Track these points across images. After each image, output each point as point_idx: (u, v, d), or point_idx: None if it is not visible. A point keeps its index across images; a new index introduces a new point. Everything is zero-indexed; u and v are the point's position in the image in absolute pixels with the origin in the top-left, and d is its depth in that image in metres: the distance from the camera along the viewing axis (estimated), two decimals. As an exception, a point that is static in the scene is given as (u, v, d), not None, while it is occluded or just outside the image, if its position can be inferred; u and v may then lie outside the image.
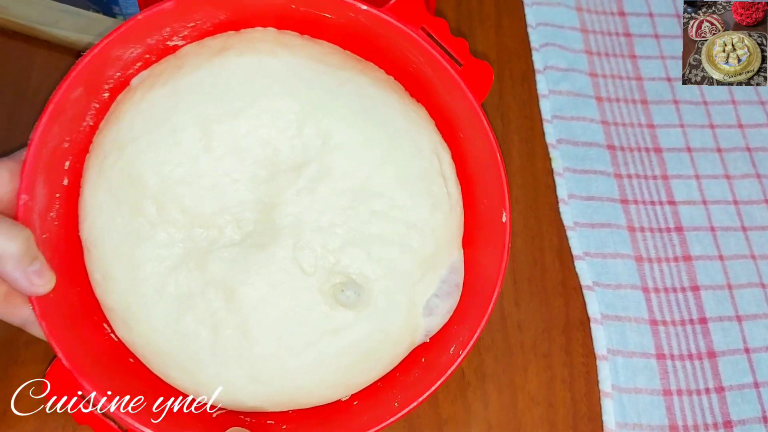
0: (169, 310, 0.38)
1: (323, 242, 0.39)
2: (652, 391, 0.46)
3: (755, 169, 0.56)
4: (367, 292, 0.39)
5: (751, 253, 0.52)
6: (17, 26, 0.56)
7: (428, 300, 0.40)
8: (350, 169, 0.39)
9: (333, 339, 0.39)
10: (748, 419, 0.46)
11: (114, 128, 0.39)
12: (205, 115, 0.38)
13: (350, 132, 0.39)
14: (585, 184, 0.53)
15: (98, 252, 0.39)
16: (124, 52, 0.38)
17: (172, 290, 0.38)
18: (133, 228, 0.38)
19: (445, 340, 0.40)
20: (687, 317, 0.49)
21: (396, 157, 0.39)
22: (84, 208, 0.39)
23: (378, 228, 0.39)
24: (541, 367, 0.47)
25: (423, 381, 0.39)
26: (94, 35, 0.55)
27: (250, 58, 0.39)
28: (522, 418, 0.45)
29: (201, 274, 0.38)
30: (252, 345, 0.38)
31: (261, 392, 0.39)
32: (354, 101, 0.39)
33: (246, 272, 0.38)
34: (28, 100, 0.54)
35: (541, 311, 0.49)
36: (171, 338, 0.38)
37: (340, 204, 0.39)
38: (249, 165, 0.39)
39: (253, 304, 0.38)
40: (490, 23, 0.61)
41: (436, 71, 0.39)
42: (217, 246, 0.38)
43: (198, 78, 0.38)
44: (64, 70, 0.55)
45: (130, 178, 0.38)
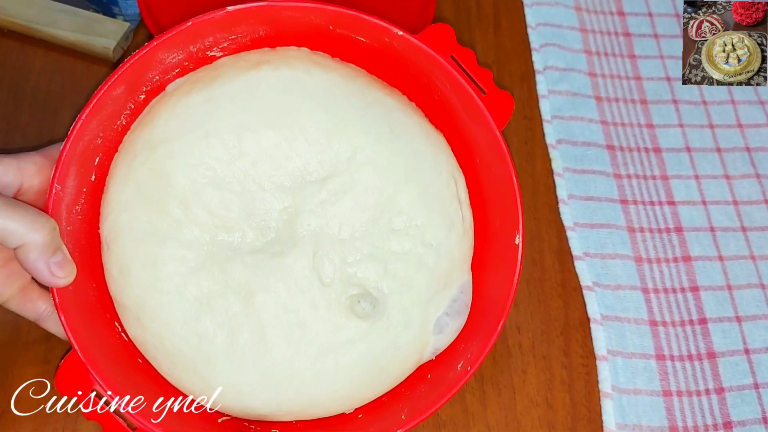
0: (188, 311, 0.38)
1: (342, 254, 0.40)
2: (652, 392, 0.46)
3: (755, 170, 0.56)
4: (382, 305, 0.40)
5: (750, 253, 0.52)
6: (16, 26, 0.56)
7: (439, 318, 0.41)
8: (373, 186, 0.40)
9: (346, 350, 0.39)
10: (748, 420, 0.46)
11: (147, 129, 0.40)
12: (240, 123, 0.39)
13: (376, 150, 0.41)
14: (584, 184, 0.53)
15: (118, 248, 0.39)
16: (168, 56, 0.39)
17: (192, 291, 0.38)
18: (156, 227, 0.39)
19: (452, 357, 0.41)
20: (687, 318, 0.49)
21: (417, 177, 0.41)
22: (108, 204, 0.40)
23: (396, 244, 0.40)
24: (541, 368, 0.47)
25: (429, 395, 0.39)
26: (94, 35, 0.55)
27: (285, 72, 0.40)
28: (521, 420, 0.45)
29: (222, 278, 0.39)
30: (267, 351, 0.39)
31: (271, 399, 0.39)
32: (380, 121, 0.41)
33: (266, 278, 0.39)
34: (26, 100, 0.54)
35: (540, 312, 0.49)
36: (187, 338, 0.38)
37: (361, 219, 0.40)
38: (277, 174, 0.40)
39: (271, 311, 0.39)
40: (488, 24, 0.61)
41: (461, 98, 0.41)
42: (240, 251, 0.39)
43: (235, 88, 0.40)
44: (63, 71, 0.55)
45: (159, 178, 0.39)
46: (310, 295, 0.39)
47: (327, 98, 0.40)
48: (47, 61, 0.56)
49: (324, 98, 0.40)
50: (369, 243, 0.40)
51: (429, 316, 0.41)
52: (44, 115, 0.53)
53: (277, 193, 0.40)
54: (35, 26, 0.55)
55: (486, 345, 0.39)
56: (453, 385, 0.39)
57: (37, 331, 0.44)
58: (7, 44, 0.56)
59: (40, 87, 0.54)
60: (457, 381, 0.39)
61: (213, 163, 0.39)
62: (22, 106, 0.53)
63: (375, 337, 0.40)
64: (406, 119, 0.42)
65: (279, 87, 0.40)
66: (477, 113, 0.41)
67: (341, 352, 0.39)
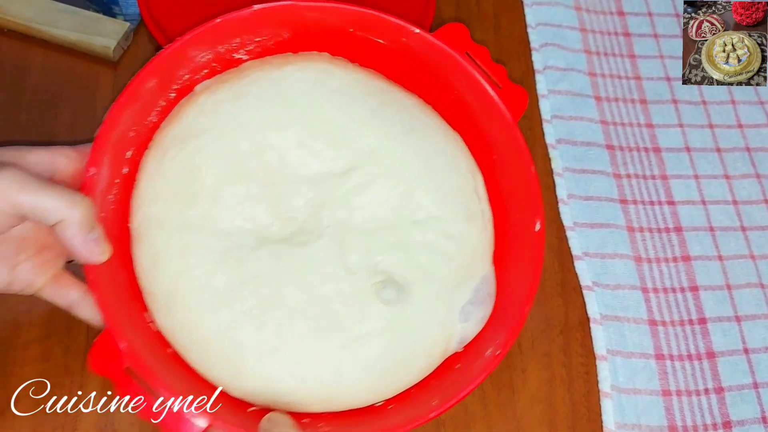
0: (217, 299, 0.39)
1: (366, 245, 0.41)
2: (652, 391, 0.46)
3: (754, 169, 0.56)
4: (407, 292, 0.41)
5: (750, 253, 0.52)
6: (16, 26, 0.56)
7: (463, 306, 0.42)
8: (393, 181, 0.42)
9: (373, 338, 0.40)
10: (748, 420, 0.46)
11: (176, 125, 0.41)
12: (266, 119, 0.42)
13: (395, 146, 0.42)
14: (584, 184, 0.53)
15: (149, 239, 0.40)
16: (197, 54, 0.42)
17: (221, 279, 0.39)
18: (186, 218, 0.40)
19: (480, 346, 0.41)
20: (686, 317, 0.49)
21: (436, 172, 0.43)
22: (139, 197, 0.41)
23: (418, 236, 0.42)
24: (540, 367, 0.47)
25: (460, 382, 0.39)
26: (94, 35, 0.55)
27: (308, 73, 0.43)
28: (521, 419, 0.45)
29: (250, 267, 0.40)
30: (294, 338, 0.39)
31: (298, 387, 0.39)
32: (399, 119, 0.43)
33: (293, 268, 0.40)
34: (26, 100, 0.54)
35: (540, 312, 0.49)
36: (216, 326, 0.39)
37: (383, 211, 0.42)
38: (302, 168, 0.42)
39: (298, 299, 0.40)
40: (489, 23, 0.61)
41: (477, 94, 0.43)
42: (267, 241, 0.40)
43: (261, 86, 0.42)
44: (63, 70, 0.55)
45: (189, 171, 0.40)
46: (336, 283, 0.40)
47: (347, 97, 0.43)
48: (47, 61, 0.56)
49: (345, 97, 0.43)
50: (392, 234, 0.41)
51: (453, 305, 0.42)
52: (44, 115, 0.53)
53: (301, 186, 0.41)
54: (35, 26, 0.55)
55: (515, 329, 0.40)
56: (484, 370, 0.39)
57: (37, 331, 0.45)
58: (7, 44, 0.56)
59: (40, 86, 0.54)
60: (487, 366, 0.39)
61: (240, 157, 0.41)
62: (21, 106, 0.53)
63: (401, 324, 0.40)
64: (423, 118, 0.44)
65: (302, 86, 0.42)
66: (492, 107, 0.43)
67: (368, 340, 0.40)
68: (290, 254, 0.40)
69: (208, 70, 0.43)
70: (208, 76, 0.43)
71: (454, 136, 0.45)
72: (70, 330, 0.45)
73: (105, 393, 0.43)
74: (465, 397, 0.38)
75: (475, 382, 0.38)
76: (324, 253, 0.40)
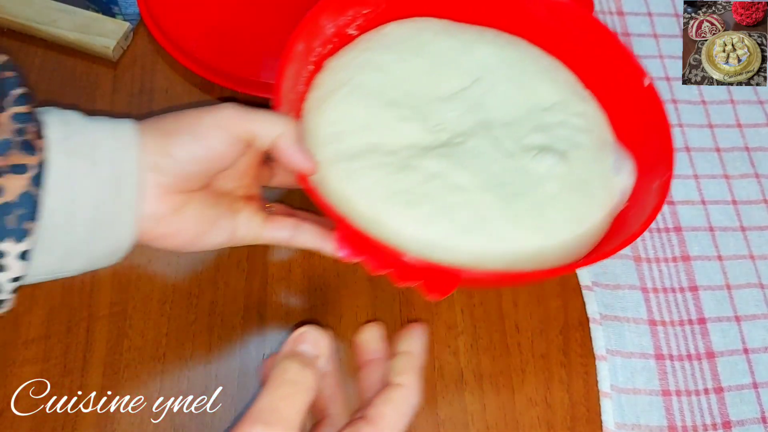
0: (409, 200, 0.43)
1: (512, 133, 0.47)
2: (651, 391, 0.46)
3: (754, 169, 0.56)
4: (564, 157, 0.46)
5: (749, 253, 0.52)
6: (15, 25, 0.56)
7: (612, 163, 0.47)
8: (515, 81, 0.49)
9: (547, 202, 0.44)
10: (747, 420, 0.46)
11: (322, 86, 0.48)
12: (395, 57, 0.49)
13: (506, 55, 0.51)
14: (584, 184, 0.53)
15: (333, 172, 0.44)
16: (325, 25, 0.48)
17: (404, 185, 0.44)
18: (358, 147, 0.45)
19: (643, 190, 0.46)
20: (686, 317, 0.49)
21: (546, 68, 0.51)
22: (313, 143, 0.45)
23: (551, 118, 0.48)
24: (539, 367, 0.47)
25: (639, 216, 0.44)
26: (93, 35, 0.55)
27: (413, 23, 0.52)
28: (520, 419, 0.45)
29: (424, 171, 0.44)
30: (488, 211, 0.43)
31: (504, 252, 0.43)
32: (500, 38, 0.52)
33: (460, 163, 0.45)
34: (26, 99, 0.54)
35: (539, 311, 0.49)
36: (418, 223, 0.43)
37: (515, 108, 0.48)
38: (436, 89, 0.49)
39: (476, 182, 0.44)
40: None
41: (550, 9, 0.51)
42: (428, 149, 0.46)
43: (380, 39, 0.51)
44: (63, 70, 0.55)
45: (345, 113, 0.46)
46: (502, 163, 0.45)
47: (451, 31, 0.51)
48: (47, 60, 0.56)
49: (449, 31, 0.51)
50: (529, 121, 0.48)
51: (604, 164, 0.47)
52: (44, 115, 0.53)
53: (440, 104, 0.48)
54: (35, 25, 0.55)
55: (669, 164, 0.45)
56: (660, 193, 0.43)
57: (37, 330, 0.45)
58: (7, 43, 0.56)
59: (39, 86, 0.54)
60: (661, 189, 0.43)
61: (384, 90, 0.48)
62: (21, 106, 0.53)
63: (572, 185, 0.45)
64: (519, 40, 0.52)
65: (412, 31, 0.51)
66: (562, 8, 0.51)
67: (551, 201, 0.44)
68: (453, 154, 0.45)
69: (331, 45, 0.50)
70: (331, 52, 0.50)
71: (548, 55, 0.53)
72: (70, 330, 0.45)
73: (105, 393, 0.43)
74: (639, 235, 0.42)
75: (657, 203, 0.43)
76: (480, 145, 0.46)
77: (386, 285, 0.49)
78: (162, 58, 0.57)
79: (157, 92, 0.55)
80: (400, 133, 0.46)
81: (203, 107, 0.39)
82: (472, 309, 0.49)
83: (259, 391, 0.30)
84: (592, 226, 0.45)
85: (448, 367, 0.46)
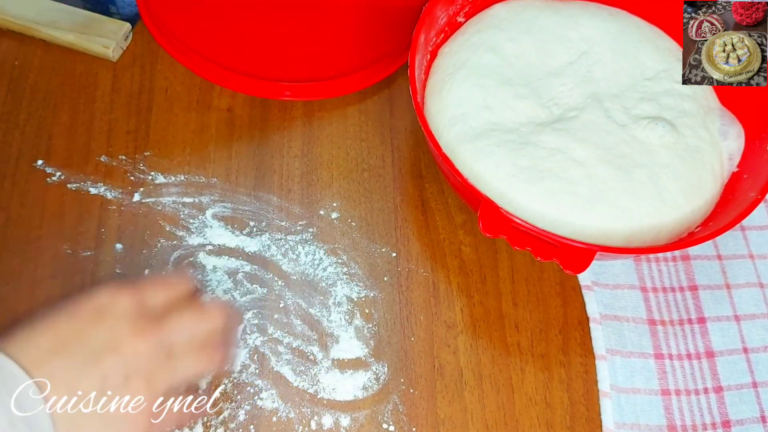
0: (532, 176, 0.46)
1: (621, 104, 0.50)
2: (651, 391, 0.46)
3: (754, 169, 0.56)
4: (673, 126, 0.48)
5: (749, 252, 0.52)
6: (15, 26, 0.56)
7: (719, 128, 0.50)
8: (619, 51, 0.52)
9: (663, 170, 0.46)
10: (747, 419, 0.46)
11: (440, 70, 0.51)
12: (504, 36, 0.52)
13: (609, 26, 0.53)
14: (584, 183, 0.53)
15: (460, 152, 0.47)
16: (439, 15, 0.51)
17: (527, 161, 0.46)
18: (480, 127, 0.48)
19: (756, 152, 0.48)
20: (685, 317, 0.49)
21: (648, 36, 0.53)
22: (436, 128, 0.49)
23: (656, 87, 0.51)
24: (539, 367, 0.47)
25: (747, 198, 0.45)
26: (93, 35, 0.55)
27: (518, 2, 0.54)
28: (519, 419, 0.45)
29: (544, 146, 0.47)
30: (608, 182, 0.46)
31: (625, 225, 0.45)
32: (600, 10, 0.54)
33: (575, 136, 0.47)
34: (25, 99, 0.54)
35: (538, 311, 0.49)
36: (544, 196, 0.45)
37: (621, 77, 0.51)
38: (545, 65, 0.51)
39: (592, 155, 0.47)
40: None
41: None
42: (544, 125, 0.48)
43: (488, 20, 0.53)
44: (63, 70, 0.55)
45: (464, 96, 0.49)
46: (615, 135, 0.48)
47: (557, 6, 0.54)
48: (46, 61, 0.56)
49: (555, 7, 0.54)
50: (635, 91, 0.50)
51: (711, 129, 0.49)
52: (43, 114, 0.53)
53: (551, 79, 0.51)
54: (34, 26, 0.55)
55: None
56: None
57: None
58: (7, 43, 0.56)
59: (39, 86, 0.54)
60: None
61: (498, 70, 0.50)
62: (20, 105, 0.53)
63: (683, 152, 0.47)
64: (619, 11, 0.55)
65: (520, 9, 0.54)
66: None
67: (659, 174, 0.47)
68: (568, 128, 0.48)
69: (443, 34, 0.53)
70: (443, 41, 0.53)
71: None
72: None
73: (105, 393, 0.43)
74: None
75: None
76: (593, 117, 0.48)
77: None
78: (161, 58, 0.57)
79: (156, 92, 0.55)
80: (517, 110, 0.49)
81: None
82: (471, 308, 0.49)
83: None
84: (705, 193, 0.47)
85: (447, 367, 0.46)
